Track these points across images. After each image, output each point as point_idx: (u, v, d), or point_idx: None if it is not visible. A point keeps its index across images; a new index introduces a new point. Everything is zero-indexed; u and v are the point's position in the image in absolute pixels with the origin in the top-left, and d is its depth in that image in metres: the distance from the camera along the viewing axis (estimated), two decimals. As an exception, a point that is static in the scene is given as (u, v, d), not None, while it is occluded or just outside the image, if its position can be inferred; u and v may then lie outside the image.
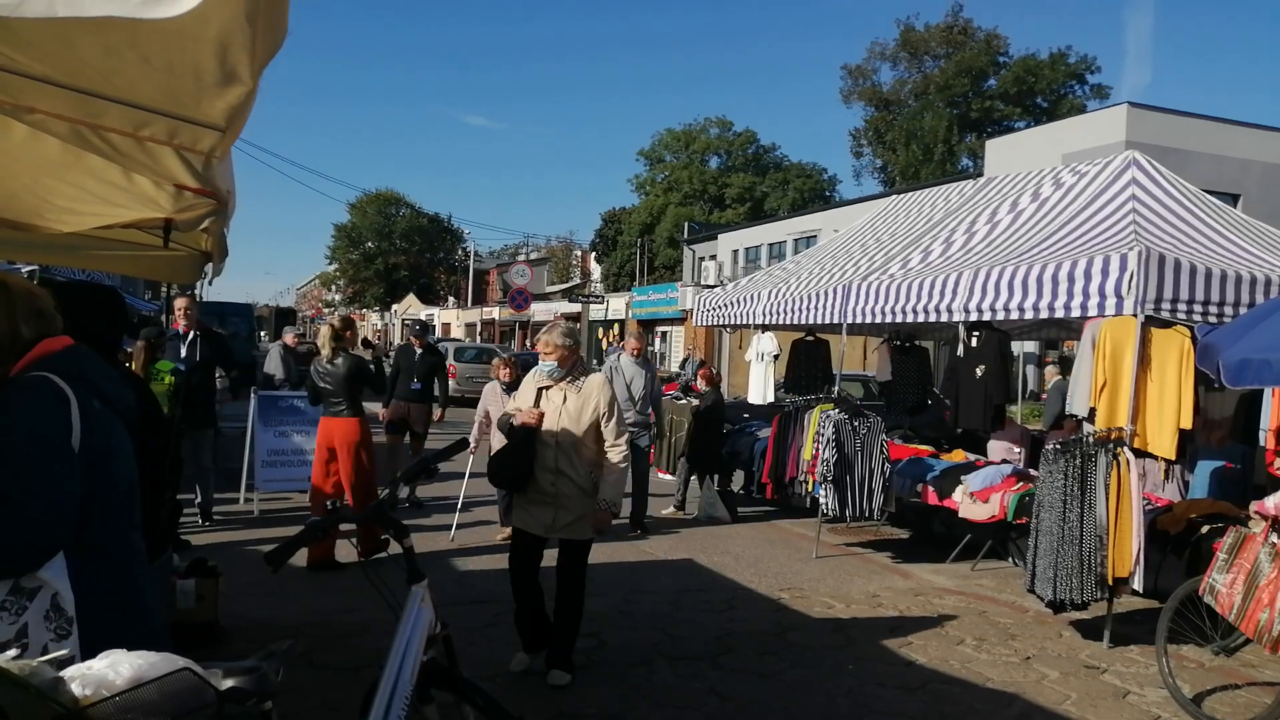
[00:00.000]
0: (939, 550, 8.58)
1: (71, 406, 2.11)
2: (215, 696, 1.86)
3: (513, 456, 4.95)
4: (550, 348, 5.01)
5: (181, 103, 2.02)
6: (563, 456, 4.89)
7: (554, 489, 4.90)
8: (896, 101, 50.34)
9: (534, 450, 4.89)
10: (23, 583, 2.00)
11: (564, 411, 4.93)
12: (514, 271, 34.05)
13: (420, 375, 10.21)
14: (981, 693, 5.25)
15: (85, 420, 2.12)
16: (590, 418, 4.93)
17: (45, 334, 2.24)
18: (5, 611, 1.97)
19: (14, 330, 2.21)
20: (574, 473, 4.90)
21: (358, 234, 74.15)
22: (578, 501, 4.93)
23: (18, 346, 2.20)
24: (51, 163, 2.63)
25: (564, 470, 4.89)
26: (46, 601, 2.01)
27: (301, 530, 2.94)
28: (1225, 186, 21.33)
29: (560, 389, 4.99)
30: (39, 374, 2.13)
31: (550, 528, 4.95)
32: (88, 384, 2.19)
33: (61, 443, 2.07)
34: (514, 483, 5.00)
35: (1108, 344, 6.23)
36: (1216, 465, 7.85)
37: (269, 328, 38.57)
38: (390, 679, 2.76)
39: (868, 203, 25.63)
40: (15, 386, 2.13)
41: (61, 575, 2.03)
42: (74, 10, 1.19)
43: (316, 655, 5.29)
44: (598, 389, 5.00)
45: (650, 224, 51.47)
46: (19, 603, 1.99)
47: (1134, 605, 6.71)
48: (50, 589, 2.02)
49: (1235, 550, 4.84)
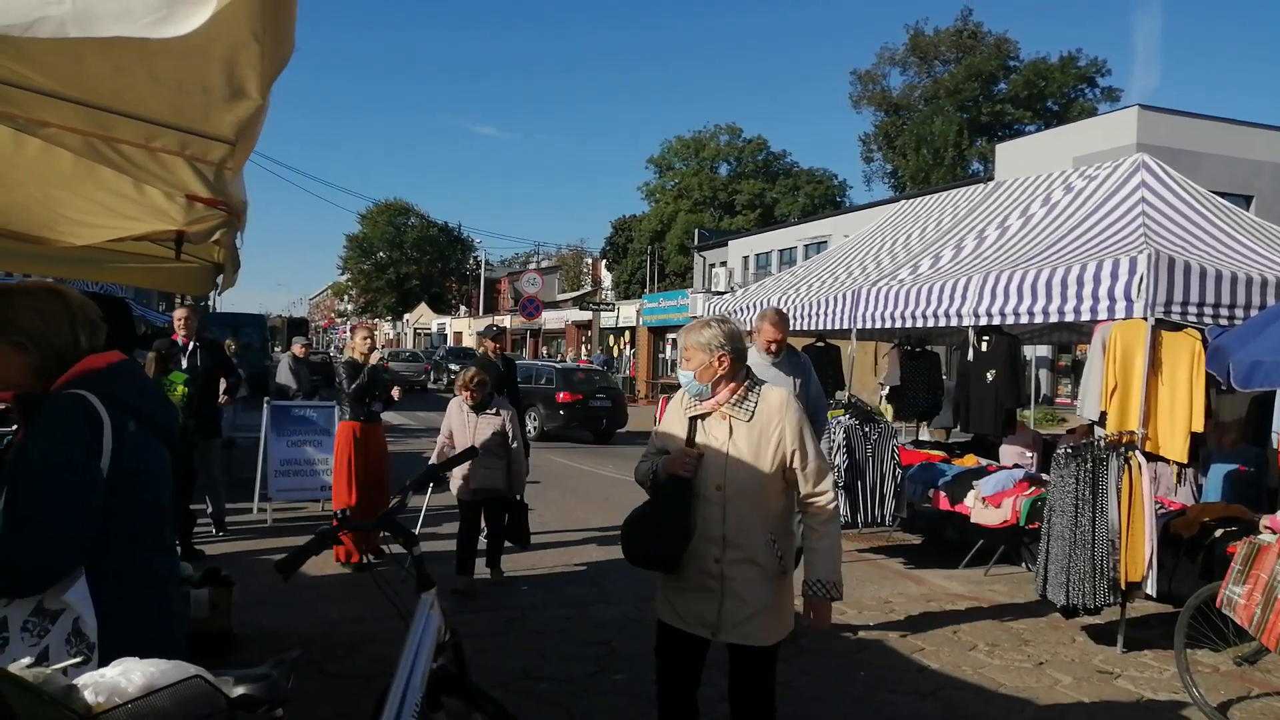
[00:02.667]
0: (951, 556, 8.55)
1: (104, 430, 2.11)
2: (226, 704, 1.87)
3: (661, 521, 3.40)
4: (687, 354, 3.46)
5: (190, 117, 2.04)
6: (733, 519, 3.30)
7: (719, 569, 3.32)
8: (906, 106, 50.26)
9: (690, 511, 3.33)
10: (46, 604, 2.01)
11: (731, 448, 3.34)
12: (525, 280, 34.18)
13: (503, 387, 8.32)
14: (994, 698, 5.23)
15: (117, 443, 2.13)
16: (774, 457, 3.31)
17: (96, 346, 2.27)
18: (27, 633, 1.98)
19: (75, 339, 2.24)
20: (752, 543, 3.30)
21: (369, 244, 74.42)
22: (758, 588, 3.31)
23: (76, 356, 2.22)
24: (64, 176, 2.66)
25: (736, 540, 3.30)
26: (69, 625, 2.02)
27: (312, 539, 2.95)
28: (1237, 188, 21.23)
29: (723, 416, 3.37)
30: (76, 393, 2.13)
31: (716, 626, 3.35)
32: (124, 404, 2.19)
33: (87, 468, 2.07)
34: (665, 561, 3.41)
35: (1118, 347, 6.21)
36: (1229, 468, 7.81)
37: (281, 338, 38.75)
38: (400, 686, 2.77)
39: (878, 208, 25.59)
40: (52, 404, 2.13)
41: (85, 599, 2.04)
42: (85, 31, 1.21)
43: (327, 663, 5.31)
44: (779, 410, 3.34)
45: (661, 231, 51.49)
46: (41, 624, 2.00)
47: (1147, 610, 6.67)
48: (73, 612, 2.02)
49: (1250, 561, 4.82)
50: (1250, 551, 4.85)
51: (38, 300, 2.25)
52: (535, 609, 6.64)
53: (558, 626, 6.31)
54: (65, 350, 2.22)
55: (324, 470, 9.64)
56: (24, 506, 2.02)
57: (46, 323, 2.22)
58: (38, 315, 2.21)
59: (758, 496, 3.32)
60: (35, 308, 2.22)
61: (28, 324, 2.20)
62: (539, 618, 6.37)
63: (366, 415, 7.76)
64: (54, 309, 2.23)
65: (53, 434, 2.08)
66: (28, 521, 1.99)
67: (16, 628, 2.01)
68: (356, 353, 7.89)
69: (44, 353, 2.21)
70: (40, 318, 2.21)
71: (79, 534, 2.04)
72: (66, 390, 2.14)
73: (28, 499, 2.01)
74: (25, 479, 2.04)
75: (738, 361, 3.41)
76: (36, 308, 2.22)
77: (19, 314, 2.20)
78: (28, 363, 2.21)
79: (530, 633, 6.07)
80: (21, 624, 2.01)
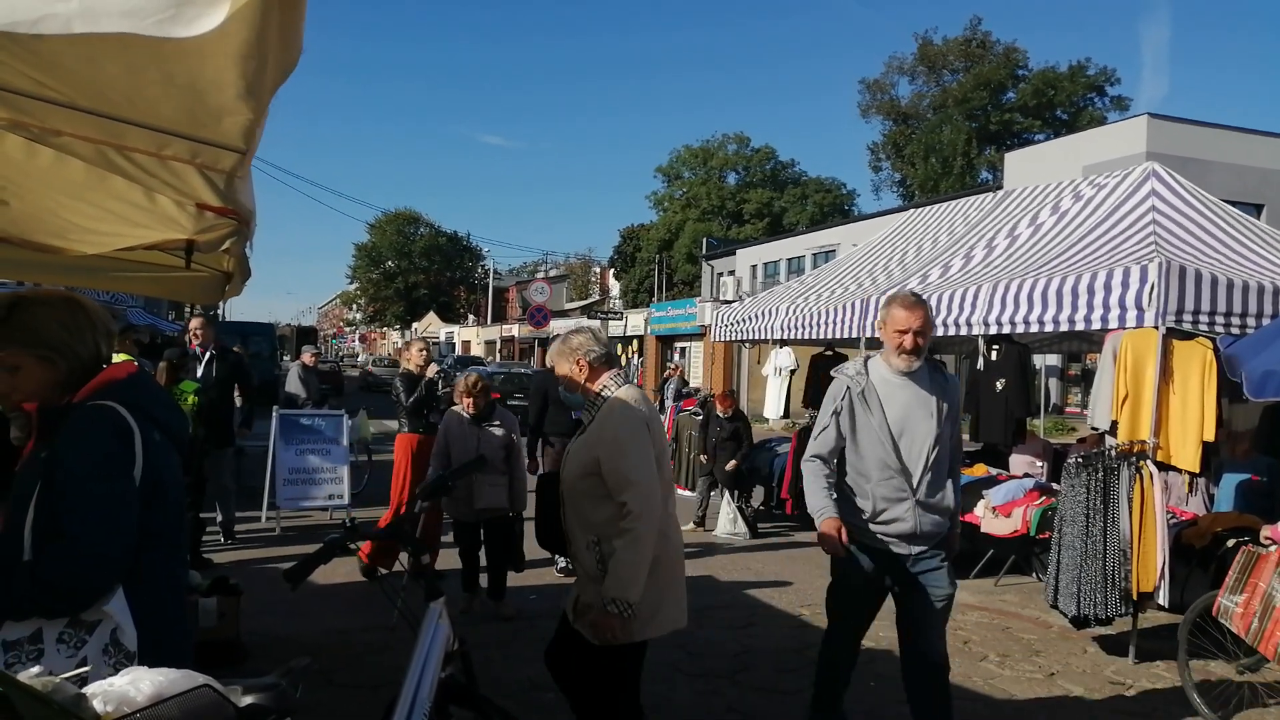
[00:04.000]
0: (961, 565, 8.46)
1: (135, 440, 2.08)
2: (235, 713, 1.87)
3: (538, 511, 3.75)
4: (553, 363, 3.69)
5: (202, 123, 2.04)
6: (569, 519, 3.55)
7: (570, 562, 3.78)
8: (915, 115, 50.27)
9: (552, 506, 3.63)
10: (82, 615, 1.98)
11: (570, 450, 3.58)
12: (533, 289, 34.20)
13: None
14: (1005, 709, 5.19)
15: (147, 454, 2.10)
16: (587, 462, 3.41)
17: (110, 357, 2.24)
18: (63, 644, 1.96)
19: (98, 350, 2.20)
20: (577, 543, 3.50)
21: (378, 253, 74.72)
22: (586, 586, 3.50)
23: (98, 367, 2.18)
24: (75, 185, 2.66)
25: (572, 538, 3.54)
26: (106, 635, 1.99)
27: (320, 547, 2.95)
28: (1248, 197, 21.15)
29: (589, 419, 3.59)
30: (105, 403, 2.09)
31: (572, 609, 3.61)
32: (148, 414, 2.16)
33: (124, 479, 2.04)
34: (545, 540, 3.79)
35: (1129, 356, 6.18)
36: (1242, 478, 7.75)
37: (290, 347, 38.85)
38: (408, 695, 2.76)
39: (886, 217, 25.58)
40: (82, 415, 2.08)
41: (124, 609, 2.01)
42: (90, 26, 1.21)
43: (336, 673, 5.30)
44: (605, 415, 3.46)
45: (669, 240, 51.52)
46: (78, 635, 1.97)
47: (1159, 620, 6.62)
48: (111, 622, 2.00)
49: (1249, 570, 4.78)
50: (1248, 560, 4.82)
51: (59, 310, 2.19)
52: (543, 618, 6.62)
53: (566, 636, 6.29)
54: (90, 361, 2.18)
55: (332, 479, 9.65)
56: (61, 523, 1.97)
57: (71, 334, 2.17)
58: (62, 326, 2.16)
59: (577, 500, 3.47)
60: (58, 318, 2.17)
61: (52, 336, 2.14)
62: (546, 627, 6.29)
63: (425, 427, 7.57)
64: (77, 319, 2.19)
65: (86, 447, 2.04)
66: (65, 539, 1.95)
67: (52, 640, 1.99)
68: (413, 365, 7.73)
69: (70, 364, 2.16)
70: (65, 329, 2.17)
71: (118, 549, 2.00)
72: (92, 402, 2.10)
73: (64, 516, 1.96)
74: (60, 495, 2.00)
75: (595, 366, 3.53)
76: (60, 318, 2.17)
77: (43, 326, 2.14)
78: (54, 376, 2.15)
79: (538, 641, 6.01)
80: (57, 635, 1.99)
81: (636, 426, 3.39)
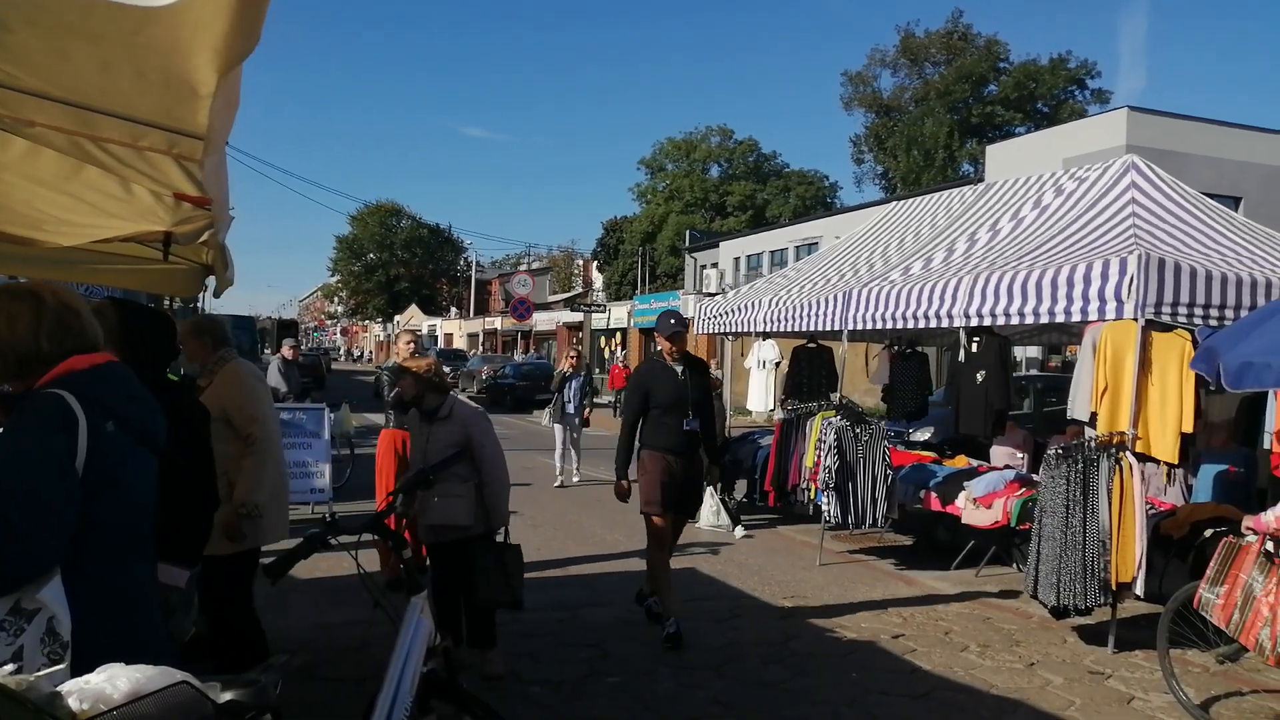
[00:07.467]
0: (942, 557, 8.55)
1: (79, 428, 2.09)
2: (214, 710, 1.85)
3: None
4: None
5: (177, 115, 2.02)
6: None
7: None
8: (897, 108, 50.37)
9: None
10: (23, 604, 1.98)
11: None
12: (516, 281, 34.16)
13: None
14: (986, 699, 5.23)
15: (93, 443, 2.11)
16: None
17: (72, 350, 2.23)
18: (4, 631, 1.95)
19: (36, 344, 2.22)
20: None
21: (359, 245, 74.29)
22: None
23: (39, 360, 2.21)
24: (49, 175, 2.63)
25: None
26: (43, 625, 1.99)
27: (300, 542, 2.93)
28: (1226, 189, 21.30)
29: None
30: (53, 392, 2.12)
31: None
32: (104, 407, 2.17)
33: (59, 466, 2.05)
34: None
35: (1108, 348, 6.23)
36: (1219, 469, 7.83)
37: (271, 340, 38.63)
38: (390, 690, 2.75)
39: (869, 209, 25.62)
40: (29, 403, 2.14)
41: (60, 599, 2.01)
42: None
43: (318, 668, 5.29)
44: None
45: (652, 233, 51.47)
46: (18, 624, 1.97)
47: (1138, 610, 6.68)
48: (48, 612, 2.00)
49: (1229, 562, 4.83)
50: (1229, 552, 4.86)
51: (6, 305, 2.25)
52: (526, 611, 6.60)
53: (549, 629, 6.30)
54: (27, 356, 2.22)
55: (315, 473, 9.60)
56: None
57: (12, 332, 2.23)
58: (2, 322, 2.23)
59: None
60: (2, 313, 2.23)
61: None
62: (530, 620, 6.35)
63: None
64: (19, 313, 2.23)
65: (26, 432, 2.07)
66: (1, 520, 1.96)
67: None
68: (400, 357, 7.05)
69: (4, 358, 2.23)
70: (5, 324, 2.23)
71: (50, 533, 2.01)
72: (44, 390, 2.14)
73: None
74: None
75: (200, 342, 4.48)
76: (3, 313, 2.23)
77: None
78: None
79: (521, 635, 6.05)
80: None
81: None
